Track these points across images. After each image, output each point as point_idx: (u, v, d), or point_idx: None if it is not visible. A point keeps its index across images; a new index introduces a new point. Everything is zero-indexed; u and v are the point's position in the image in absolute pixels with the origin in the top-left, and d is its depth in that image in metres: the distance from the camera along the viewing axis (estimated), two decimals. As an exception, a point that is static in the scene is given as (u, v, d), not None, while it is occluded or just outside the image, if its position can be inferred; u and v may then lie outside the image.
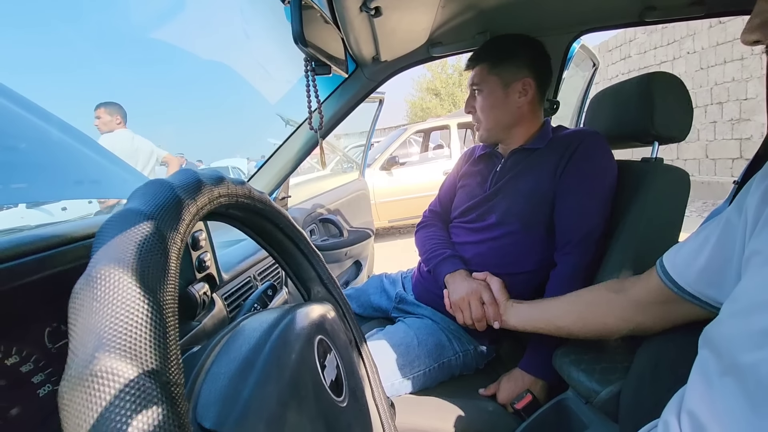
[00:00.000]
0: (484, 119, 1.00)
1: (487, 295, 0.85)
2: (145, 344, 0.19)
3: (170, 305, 0.21)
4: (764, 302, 0.37)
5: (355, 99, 1.20)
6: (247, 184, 0.37)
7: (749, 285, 0.41)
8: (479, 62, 0.98)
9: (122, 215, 0.23)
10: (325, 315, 0.43)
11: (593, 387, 0.69)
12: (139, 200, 0.25)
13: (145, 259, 0.21)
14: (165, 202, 0.25)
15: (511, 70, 0.95)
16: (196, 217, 0.28)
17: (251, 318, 0.38)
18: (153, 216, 0.24)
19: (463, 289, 0.89)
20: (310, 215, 1.61)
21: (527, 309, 0.79)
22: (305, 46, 0.57)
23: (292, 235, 0.45)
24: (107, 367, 0.17)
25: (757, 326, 0.37)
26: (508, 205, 0.95)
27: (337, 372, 0.38)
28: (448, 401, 0.87)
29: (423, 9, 0.88)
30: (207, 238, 0.57)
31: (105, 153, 0.99)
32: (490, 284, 0.87)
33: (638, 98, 0.89)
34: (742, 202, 0.46)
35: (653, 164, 0.91)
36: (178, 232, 0.25)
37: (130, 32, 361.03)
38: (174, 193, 0.26)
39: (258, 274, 0.82)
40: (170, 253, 0.23)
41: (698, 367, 0.44)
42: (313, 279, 0.49)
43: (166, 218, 0.24)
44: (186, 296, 0.53)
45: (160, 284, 0.21)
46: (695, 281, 0.52)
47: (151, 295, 0.20)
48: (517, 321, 0.80)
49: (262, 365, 0.30)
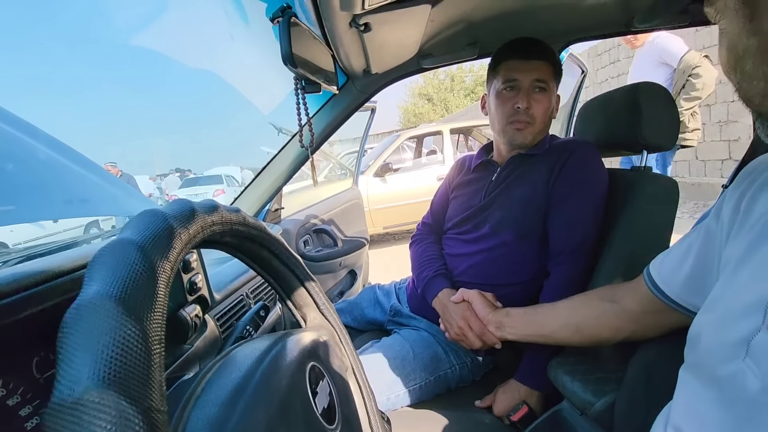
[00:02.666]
0: (539, 120, 0.95)
1: (468, 314, 0.86)
2: (128, 372, 0.19)
3: (156, 332, 0.22)
4: (736, 312, 0.38)
5: (347, 111, 1.20)
6: (241, 212, 0.37)
7: (721, 294, 0.42)
8: (547, 60, 0.93)
9: (113, 245, 0.24)
10: (319, 341, 0.43)
11: (588, 398, 0.69)
12: (131, 230, 0.26)
13: (133, 287, 0.22)
14: (156, 230, 0.26)
15: (559, 82, 0.97)
16: (188, 245, 0.28)
17: (244, 345, 0.38)
18: (143, 245, 0.24)
19: (446, 314, 0.91)
20: (304, 226, 1.61)
21: (522, 324, 0.79)
22: (294, 67, 0.57)
23: (288, 261, 0.45)
24: (90, 394, 0.18)
25: (731, 338, 0.37)
26: (502, 215, 0.95)
27: (330, 399, 0.38)
28: (444, 414, 0.86)
29: (412, 23, 0.88)
30: (198, 260, 0.56)
31: (95, 168, 0.99)
32: (471, 302, 0.87)
33: (626, 108, 0.90)
34: (719, 210, 0.47)
35: (643, 173, 0.92)
36: (168, 260, 0.25)
37: (119, 42, 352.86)
38: (166, 222, 0.27)
39: (251, 292, 0.81)
40: (159, 281, 0.24)
41: (682, 380, 0.45)
42: (309, 305, 0.49)
43: (157, 247, 0.25)
44: (177, 319, 0.52)
45: (147, 312, 0.22)
46: (681, 290, 0.53)
47: (137, 323, 0.21)
48: (514, 336, 0.80)
49: (251, 392, 0.30)
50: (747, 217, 0.42)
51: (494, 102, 0.98)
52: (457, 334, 0.87)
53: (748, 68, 0.30)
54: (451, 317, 0.89)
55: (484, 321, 0.83)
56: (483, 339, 0.83)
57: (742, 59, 0.31)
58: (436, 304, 0.95)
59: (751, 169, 0.45)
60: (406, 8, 0.78)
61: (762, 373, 0.34)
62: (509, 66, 0.94)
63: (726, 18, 0.31)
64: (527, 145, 0.97)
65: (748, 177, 0.44)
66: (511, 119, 0.94)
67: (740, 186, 0.45)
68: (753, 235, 0.40)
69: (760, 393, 0.34)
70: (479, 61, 1.08)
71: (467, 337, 0.85)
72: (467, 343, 0.86)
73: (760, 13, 0.29)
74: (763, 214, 0.40)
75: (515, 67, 0.93)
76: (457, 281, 0.99)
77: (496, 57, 0.99)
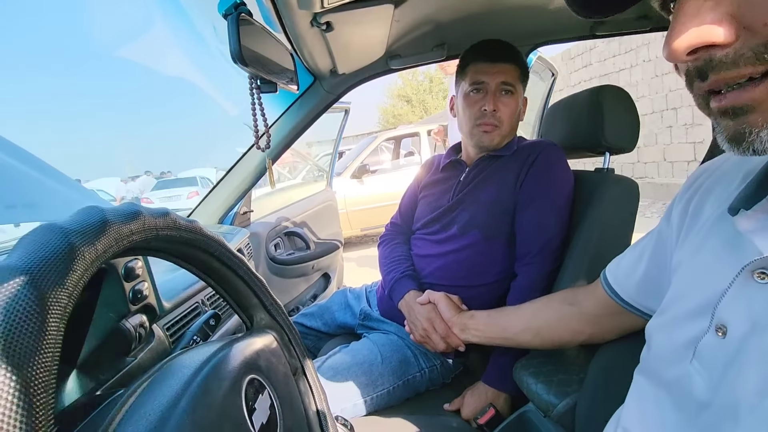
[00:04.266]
0: (506, 123, 0.95)
1: (433, 316, 0.85)
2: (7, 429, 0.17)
3: (42, 380, 0.19)
4: (684, 315, 0.38)
5: (315, 112, 1.18)
6: (172, 214, 0.34)
7: (671, 298, 0.42)
8: (514, 62, 0.94)
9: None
10: (263, 348, 0.41)
11: (550, 400, 0.69)
12: (18, 253, 0.22)
13: (14, 328, 0.19)
14: (49, 253, 0.22)
15: (526, 84, 0.98)
16: (96, 263, 0.25)
17: (178, 358, 0.35)
18: (30, 272, 0.21)
19: (412, 315, 0.90)
20: (275, 229, 1.58)
21: (485, 326, 0.79)
22: (245, 65, 0.55)
23: (229, 262, 0.42)
24: None
25: (679, 340, 0.38)
26: (470, 216, 0.95)
27: (271, 412, 0.36)
28: (412, 419, 0.85)
29: (376, 23, 0.87)
30: (144, 267, 0.53)
31: (45, 168, 0.93)
32: (437, 304, 0.87)
33: (589, 111, 0.91)
34: (669, 214, 0.48)
35: (605, 174, 0.93)
36: (65, 288, 0.22)
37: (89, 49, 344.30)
38: (66, 240, 0.24)
39: (207, 299, 0.78)
40: (48, 317, 0.20)
41: (634, 382, 0.45)
42: (255, 306, 0.47)
43: (48, 273, 0.21)
44: (119, 331, 0.49)
45: (31, 358, 0.19)
46: (635, 293, 0.54)
47: (16, 372, 0.18)
48: (477, 338, 0.79)
49: (175, 425, 0.27)
50: (695, 222, 0.42)
51: (462, 104, 0.98)
52: (422, 336, 0.87)
53: None
54: (416, 319, 0.88)
55: (449, 323, 0.83)
56: (447, 341, 0.83)
57: None
58: (402, 306, 0.94)
59: (697, 174, 0.45)
60: (368, 7, 0.77)
61: (708, 376, 0.34)
62: (476, 68, 0.94)
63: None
64: (495, 147, 0.97)
65: (695, 182, 0.45)
66: (479, 122, 0.94)
67: (688, 191, 0.45)
68: (699, 240, 0.40)
69: (706, 395, 0.34)
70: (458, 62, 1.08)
71: (431, 339, 0.84)
72: (431, 345, 0.85)
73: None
74: (708, 218, 0.40)
75: (482, 69, 0.93)
76: (425, 282, 0.98)
77: (464, 59, 0.98)
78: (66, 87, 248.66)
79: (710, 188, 0.42)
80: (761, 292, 0.31)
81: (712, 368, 0.34)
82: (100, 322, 0.49)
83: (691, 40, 0.26)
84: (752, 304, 0.32)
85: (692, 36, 0.26)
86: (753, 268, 0.32)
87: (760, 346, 0.30)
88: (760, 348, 0.30)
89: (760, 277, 0.31)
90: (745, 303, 0.32)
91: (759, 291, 0.31)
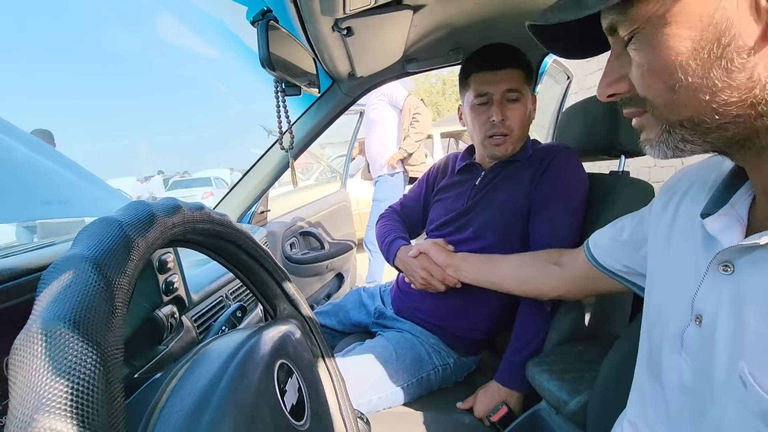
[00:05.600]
0: (517, 130, 0.93)
1: (427, 264, 0.92)
2: (86, 401, 0.18)
3: (114, 356, 0.21)
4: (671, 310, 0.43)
5: (332, 114, 1.21)
6: (206, 209, 0.37)
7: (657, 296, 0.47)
8: (517, 66, 0.92)
9: (65, 262, 0.23)
10: (289, 335, 0.43)
11: (563, 397, 0.70)
12: (84, 244, 0.24)
13: (89, 309, 0.21)
14: (111, 244, 0.24)
15: (533, 83, 0.97)
16: (148, 253, 0.28)
17: (211, 344, 0.38)
18: (97, 261, 0.23)
19: (408, 268, 0.97)
20: (290, 228, 1.61)
21: (476, 269, 0.87)
22: (273, 70, 0.57)
23: (255, 253, 0.45)
24: (47, 428, 0.17)
25: (668, 334, 0.42)
26: (485, 219, 0.96)
27: (299, 395, 0.38)
28: (426, 415, 0.87)
29: (395, 28, 0.89)
30: (175, 260, 0.56)
31: (76, 168, 0.97)
32: (428, 253, 0.93)
33: (604, 114, 0.91)
34: (651, 204, 0.54)
35: (620, 177, 0.94)
36: (126, 275, 0.24)
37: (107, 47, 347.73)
38: (123, 232, 0.26)
39: (231, 293, 0.81)
40: (116, 300, 0.22)
41: (636, 378, 0.49)
42: (279, 296, 0.49)
43: (112, 262, 0.23)
44: (152, 321, 0.52)
45: (105, 335, 0.21)
46: (608, 257, 0.63)
47: (94, 348, 0.20)
48: (468, 278, 0.88)
49: (217, 402, 0.29)
50: (673, 221, 0.47)
51: (469, 115, 0.97)
52: (422, 284, 0.93)
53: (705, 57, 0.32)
54: (413, 270, 0.95)
55: (443, 266, 0.90)
56: (445, 282, 0.89)
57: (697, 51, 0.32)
58: (398, 263, 1.01)
59: (678, 177, 0.50)
60: (388, 13, 0.79)
61: (693, 362, 0.39)
62: (479, 79, 0.93)
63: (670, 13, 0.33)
64: (509, 156, 0.97)
65: (675, 185, 0.50)
66: (489, 133, 0.94)
67: (669, 191, 0.50)
68: (678, 242, 0.45)
69: (692, 381, 0.38)
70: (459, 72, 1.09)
71: (432, 284, 0.91)
72: (433, 288, 0.92)
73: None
74: (684, 222, 0.45)
75: (485, 79, 0.92)
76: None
77: (465, 69, 0.97)
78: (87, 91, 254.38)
79: (686, 192, 0.47)
80: (726, 282, 0.36)
81: (695, 355, 0.38)
82: (135, 311, 0.52)
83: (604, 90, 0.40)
84: (720, 293, 0.37)
85: (604, 87, 0.40)
86: (718, 261, 0.37)
87: (726, 327, 0.35)
88: (726, 329, 0.35)
89: (724, 269, 0.37)
90: (714, 293, 0.37)
91: (724, 281, 0.36)
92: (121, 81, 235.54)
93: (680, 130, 0.35)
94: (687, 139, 0.35)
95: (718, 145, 0.35)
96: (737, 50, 0.30)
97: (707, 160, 0.47)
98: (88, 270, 0.22)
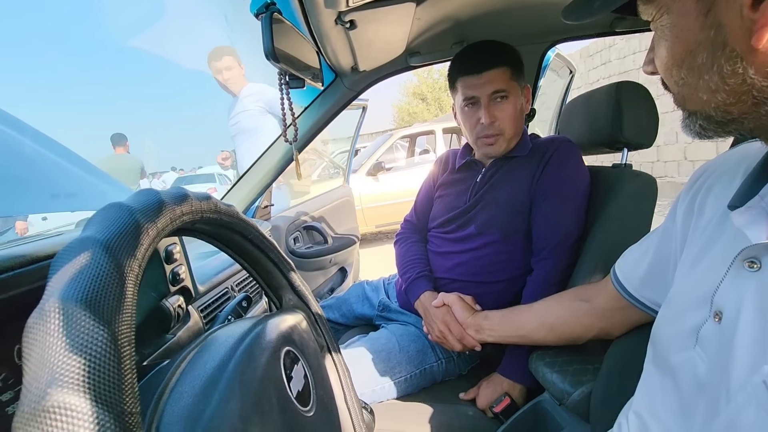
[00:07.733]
0: (508, 129, 0.93)
1: (448, 319, 0.87)
2: (99, 377, 0.19)
3: (126, 335, 0.21)
4: (688, 306, 0.41)
5: (335, 108, 1.21)
6: (213, 199, 0.37)
7: (676, 291, 0.45)
8: (501, 65, 0.90)
9: (77, 244, 0.23)
10: (294, 324, 0.44)
11: (566, 388, 0.70)
12: (96, 227, 0.25)
13: (100, 289, 0.21)
14: (122, 228, 0.25)
15: (523, 75, 0.95)
16: (157, 239, 0.28)
17: (219, 331, 0.39)
18: (109, 244, 0.23)
19: (428, 317, 0.93)
20: (294, 223, 1.62)
21: (500, 326, 0.81)
22: (277, 62, 0.58)
23: (261, 244, 0.46)
24: (60, 402, 0.17)
25: (684, 329, 0.41)
26: (487, 216, 0.96)
27: (305, 382, 0.39)
28: (429, 406, 0.88)
29: (398, 21, 0.90)
30: (181, 251, 0.57)
31: (83, 163, 0.99)
32: (451, 307, 0.88)
33: (607, 107, 0.91)
34: (674, 212, 0.50)
35: (623, 170, 0.94)
36: (136, 258, 0.24)
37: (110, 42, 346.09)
38: (133, 217, 0.26)
39: (236, 285, 0.82)
40: (127, 281, 0.23)
41: (644, 371, 0.48)
42: (284, 287, 0.50)
43: (123, 245, 0.24)
44: (160, 310, 0.53)
45: (116, 315, 0.21)
46: (639, 286, 0.57)
47: (105, 326, 0.20)
48: (492, 338, 0.82)
49: (225, 383, 0.30)
50: (699, 220, 0.45)
51: (460, 116, 0.98)
52: (438, 338, 0.89)
53: (700, 61, 0.32)
54: (432, 321, 0.91)
55: (464, 325, 0.85)
56: (463, 342, 0.85)
57: (693, 53, 0.32)
58: (418, 306, 0.97)
59: (699, 173, 0.48)
60: (391, 6, 0.79)
61: (708, 359, 0.37)
62: (464, 83, 0.92)
63: (672, 13, 0.33)
64: (503, 153, 0.97)
65: (697, 181, 0.48)
66: (480, 135, 0.94)
67: (691, 190, 0.48)
68: (704, 239, 0.43)
69: (706, 377, 0.37)
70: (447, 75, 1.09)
71: (447, 340, 0.87)
72: (448, 345, 0.88)
73: (716, 6, 0.31)
74: (711, 218, 0.43)
75: (470, 83, 0.91)
76: (443, 278, 1.01)
77: (450, 74, 0.96)
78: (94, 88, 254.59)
79: (711, 187, 0.45)
80: (751, 279, 0.35)
81: (712, 351, 0.37)
82: (143, 300, 0.53)
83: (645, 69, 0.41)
84: (743, 290, 0.35)
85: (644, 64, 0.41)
86: (743, 257, 0.35)
87: (749, 328, 0.34)
88: (750, 330, 0.34)
89: (749, 266, 0.35)
90: (737, 290, 0.36)
91: (749, 278, 0.35)
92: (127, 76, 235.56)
93: (696, 119, 0.36)
94: (705, 127, 0.36)
95: (744, 132, 0.35)
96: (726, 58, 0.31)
97: (738, 148, 0.45)
98: (99, 252, 0.23)
